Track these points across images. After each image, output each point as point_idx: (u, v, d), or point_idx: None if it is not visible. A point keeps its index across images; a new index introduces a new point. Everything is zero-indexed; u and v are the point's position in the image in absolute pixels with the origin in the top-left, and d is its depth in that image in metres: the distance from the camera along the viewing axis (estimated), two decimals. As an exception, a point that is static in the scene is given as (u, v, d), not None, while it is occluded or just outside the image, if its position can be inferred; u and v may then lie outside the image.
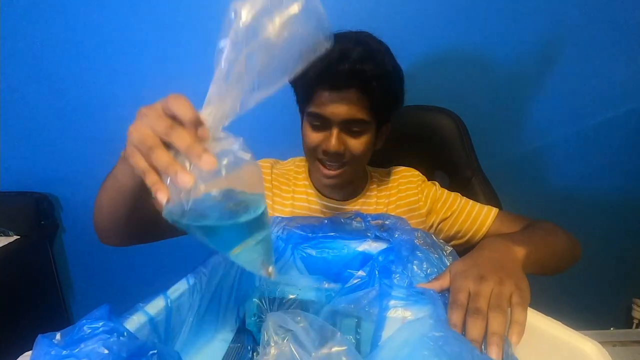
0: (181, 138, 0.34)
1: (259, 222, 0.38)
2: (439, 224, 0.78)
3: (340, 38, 0.63)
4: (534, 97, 1.15)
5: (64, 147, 1.23)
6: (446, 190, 0.80)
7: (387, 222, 0.58)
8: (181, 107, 0.35)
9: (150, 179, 0.35)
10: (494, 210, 0.75)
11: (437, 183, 0.82)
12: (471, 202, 0.78)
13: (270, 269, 0.40)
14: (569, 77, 1.12)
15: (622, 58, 1.10)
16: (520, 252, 0.49)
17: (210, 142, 0.35)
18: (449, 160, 0.93)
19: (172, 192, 0.34)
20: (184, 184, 0.33)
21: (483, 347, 0.37)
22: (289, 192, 0.80)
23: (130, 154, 0.37)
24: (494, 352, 0.36)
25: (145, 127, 0.36)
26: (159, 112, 0.36)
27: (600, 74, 1.12)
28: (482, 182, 0.89)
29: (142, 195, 0.49)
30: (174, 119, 0.36)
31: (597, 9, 1.06)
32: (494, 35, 1.09)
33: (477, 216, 0.75)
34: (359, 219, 0.61)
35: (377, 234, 0.57)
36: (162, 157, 0.34)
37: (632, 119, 1.15)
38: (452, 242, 0.76)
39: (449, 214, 0.76)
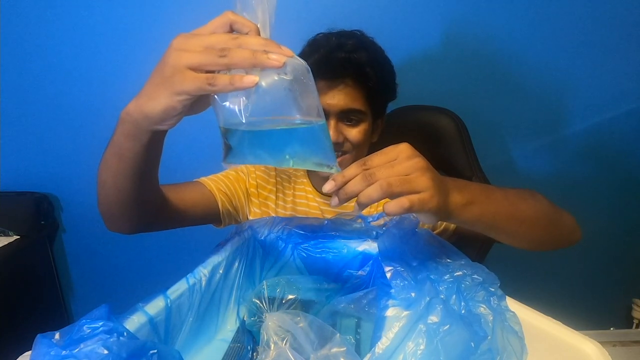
0: (253, 39, 0.36)
1: (315, 132, 0.39)
2: None
3: (335, 33, 0.70)
4: (534, 97, 1.15)
5: (64, 147, 1.23)
6: None
7: (389, 219, 0.58)
8: (241, 19, 0.37)
9: (223, 80, 0.35)
10: None
11: None
12: None
13: (333, 169, 0.41)
14: (569, 77, 1.12)
15: (622, 58, 1.10)
16: (457, 197, 0.43)
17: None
18: (449, 160, 0.93)
19: (232, 95, 0.36)
20: (277, 64, 0.34)
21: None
22: (290, 188, 0.81)
23: (181, 77, 0.36)
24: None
25: (202, 40, 0.36)
26: (212, 29, 0.38)
27: (600, 73, 1.12)
28: (482, 182, 0.89)
29: (145, 163, 0.48)
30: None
31: (597, 8, 1.06)
32: (494, 35, 1.09)
33: None
34: (360, 220, 0.61)
35: (379, 233, 0.57)
36: (242, 51, 0.35)
37: (633, 119, 1.15)
38: (435, 233, 0.73)
39: None
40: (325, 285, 0.54)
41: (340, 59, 0.66)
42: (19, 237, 1.22)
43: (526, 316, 0.42)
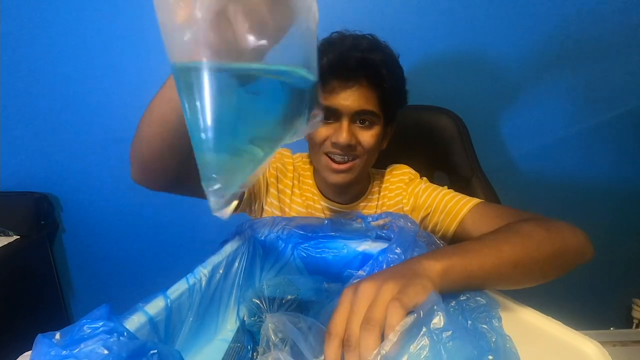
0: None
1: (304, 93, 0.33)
2: (421, 221, 0.73)
3: (349, 34, 0.68)
4: (534, 97, 1.15)
5: (64, 147, 1.23)
6: (433, 186, 0.76)
7: (389, 220, 0.58)
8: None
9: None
10: (472, 202, 0.67)
11: (425, 179, 0.79)
12: (452, 194, 0.71)
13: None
14: (569, 76, 1.12)
15: (622, 58, 1.10)
16: (434, 265, 0.41)
17: None
18: (449, 160, 0.93)
19: None
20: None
21: None
22: (304, 184, 0.81)
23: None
24: None
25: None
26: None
27: (600, 73, 1.12)
28: (482, 182, 0.89)
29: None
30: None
31: (596, 9, 1.06)
32: (494, 35, 1.09)
33: (452, 208, 0.68)
34: (359, 220, 0.61)
35: (379, 233, 0.57)
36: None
37: (632, 119, 1.15)
38: None
39: (430, 210, 0.72)
40: (325, 285, 0.54)
41: (356, 58, 0.64)
42: (19, 237, 1.23)
43: (526, 316, 0.42)
